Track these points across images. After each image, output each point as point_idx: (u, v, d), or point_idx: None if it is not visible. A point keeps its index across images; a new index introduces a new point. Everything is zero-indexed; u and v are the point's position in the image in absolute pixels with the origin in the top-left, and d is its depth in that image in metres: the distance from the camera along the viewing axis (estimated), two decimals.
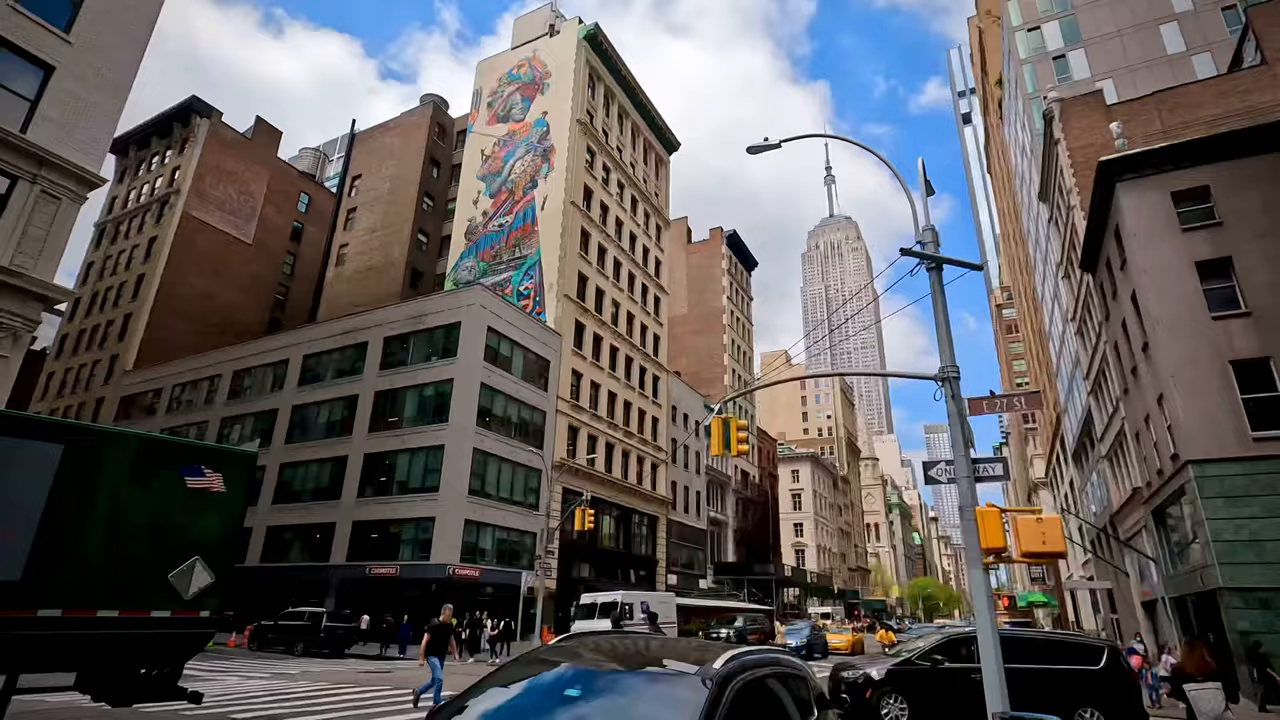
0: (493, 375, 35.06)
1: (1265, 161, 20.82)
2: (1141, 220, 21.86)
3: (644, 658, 3.72)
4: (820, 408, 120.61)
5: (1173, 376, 20.11)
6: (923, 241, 7.78)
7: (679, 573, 51.51)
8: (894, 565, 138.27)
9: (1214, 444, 19.14)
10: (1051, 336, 47.47)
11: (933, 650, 12.21)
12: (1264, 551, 17.95)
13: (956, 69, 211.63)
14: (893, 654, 13.80)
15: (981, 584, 6.32)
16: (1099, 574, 39.64)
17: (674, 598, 32.67)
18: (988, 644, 6.09)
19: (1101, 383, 31.44)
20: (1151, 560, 26.10)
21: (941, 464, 7.22)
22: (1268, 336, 19.34)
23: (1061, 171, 32.63)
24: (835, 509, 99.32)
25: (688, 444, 56.03)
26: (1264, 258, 20.02)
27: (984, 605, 6.22)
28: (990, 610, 6.16)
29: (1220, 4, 38.79)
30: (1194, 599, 21.54)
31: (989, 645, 6.07)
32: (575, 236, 44.64)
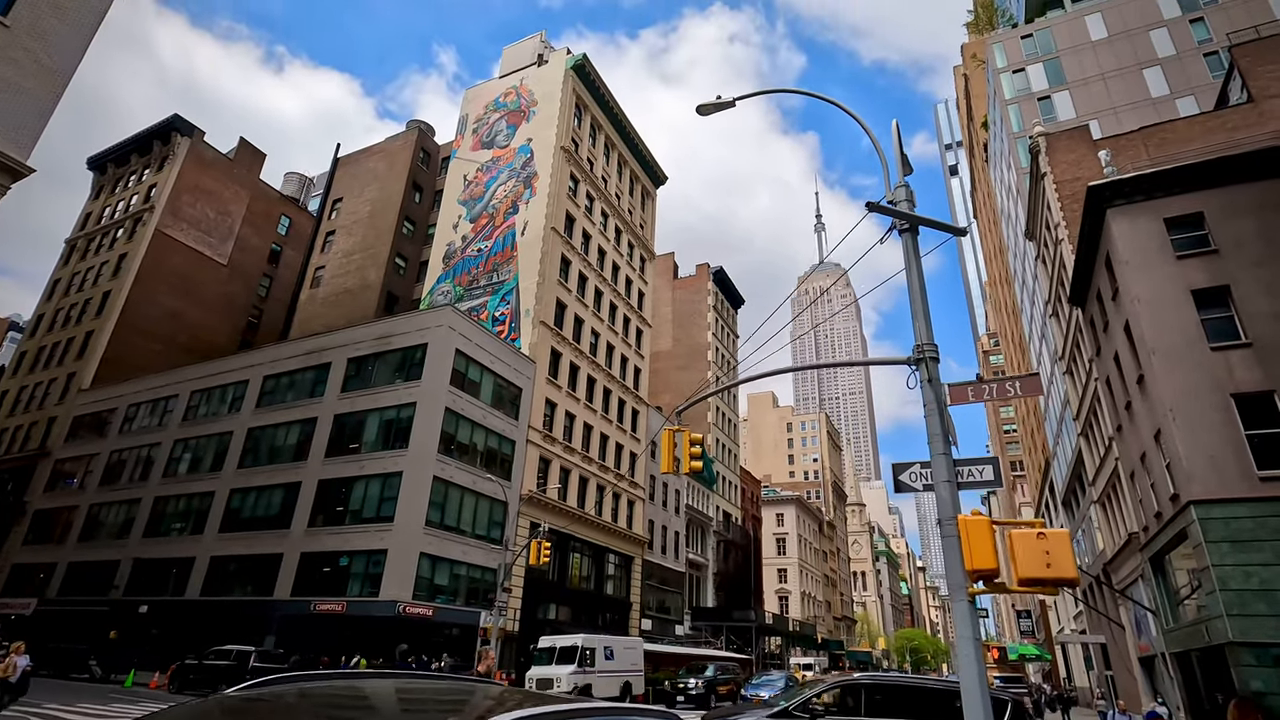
0: (459, 400, 33.38)
1: (1259, 189, 20.01)
2: (1134, 247, 20.89)
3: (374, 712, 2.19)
4: (807, 450, 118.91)
5: (1171, 410, 18.82)
6: (894, 200, 6.49)
7: (654, 617, 49.01)
8: (881, 615, 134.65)
9: (1218, 483, 17.75)
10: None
11: (813, 699, 10.30)
12: (1276, 602, 16.39)
13: (944, 122, 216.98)
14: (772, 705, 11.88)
15: (966, 618, 4.81)
16: (1091, 627, 37.71)
17: (641, 643, 30.46)
18: (973, 693, 4.57)
19: (1092, 422, 30.18)
20: (1150, 612, 24.40)
21: (915, 467, 5.78)
22: (1270, 369, 18.16)
23: (1049, 206, 31.98)
24: (820, 555, 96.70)
25: (667, 481, 54.11)
26: (1262, 286, 18.99)
27: (970, 648, 4.72)
28: (976, 652, 4.65)
29: (1202, 50, 39.05)
30: (1199, 655, 19.82)
31: (974, 694, 4.55)
32: (555, 263, 43.56)
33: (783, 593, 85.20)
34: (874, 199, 6.83)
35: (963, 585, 4.93)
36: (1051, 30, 44.36)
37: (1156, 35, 40.63)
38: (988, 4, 59.79)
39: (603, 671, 25.94)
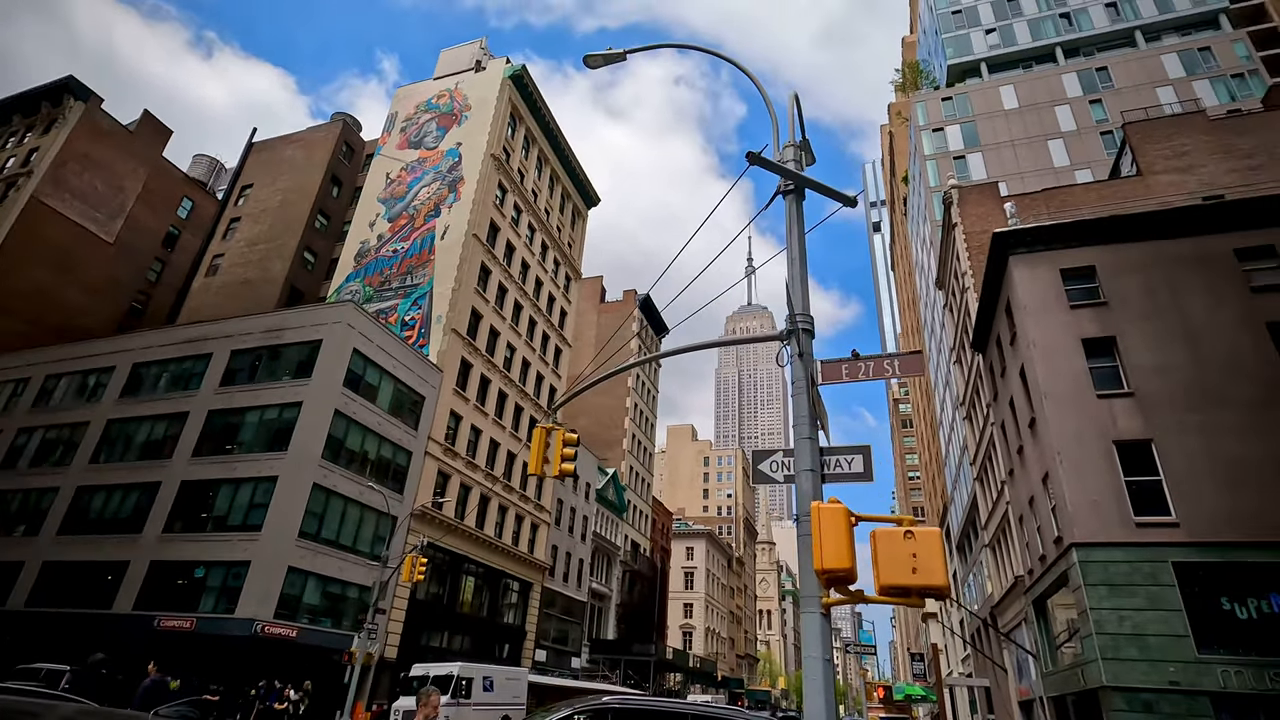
0: (352, 404, 31.07)
1: (1144, 248, 21.05)
2: (1032, 294, 21.53)
3: None
4: (722, 485, 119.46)
5: (1059, 453, 19.18)
6: (782, 160, 5.79)
7: (550, 648, 46.87)
8: (783, 654, 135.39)
9: (1099, 527, 18.08)
10: (942, 424, 48.01)
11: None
12: (1147, 647, 16.62)
13: (870, 182, 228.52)
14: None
15: (817, 633, 3.93)
16: (978, 670, 38.43)
17: (526, 674, 28.63)
18: None
19: (988, 466, 30.99)
20: (1030, 655, 24.74)
21: (778, 455, 4.97)
22: (1149, 418, 18.81)
23: (958, 255, 33.17)
24: (728, 591, 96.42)
25: (576, 507, 52.48)
26: (1146, 340, 19.81)
27: (819, 671, 3.83)
28: (826, 675, 3.77)
29: (1099, 129, 42.16)
30: (1074, 699, 20.01)
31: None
32: (473, 271, 41.96)
33: (687, 628, 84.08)
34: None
35: (817, 595, 4.07)
36: (969, 95, 47.09)
37: (1060, 111, 43.73)
38: (914, 65, 63.40)
39: (479, 704, 24.02)
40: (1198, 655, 16.27)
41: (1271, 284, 19.52)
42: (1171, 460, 18.17)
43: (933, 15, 58.15)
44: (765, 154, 5.46)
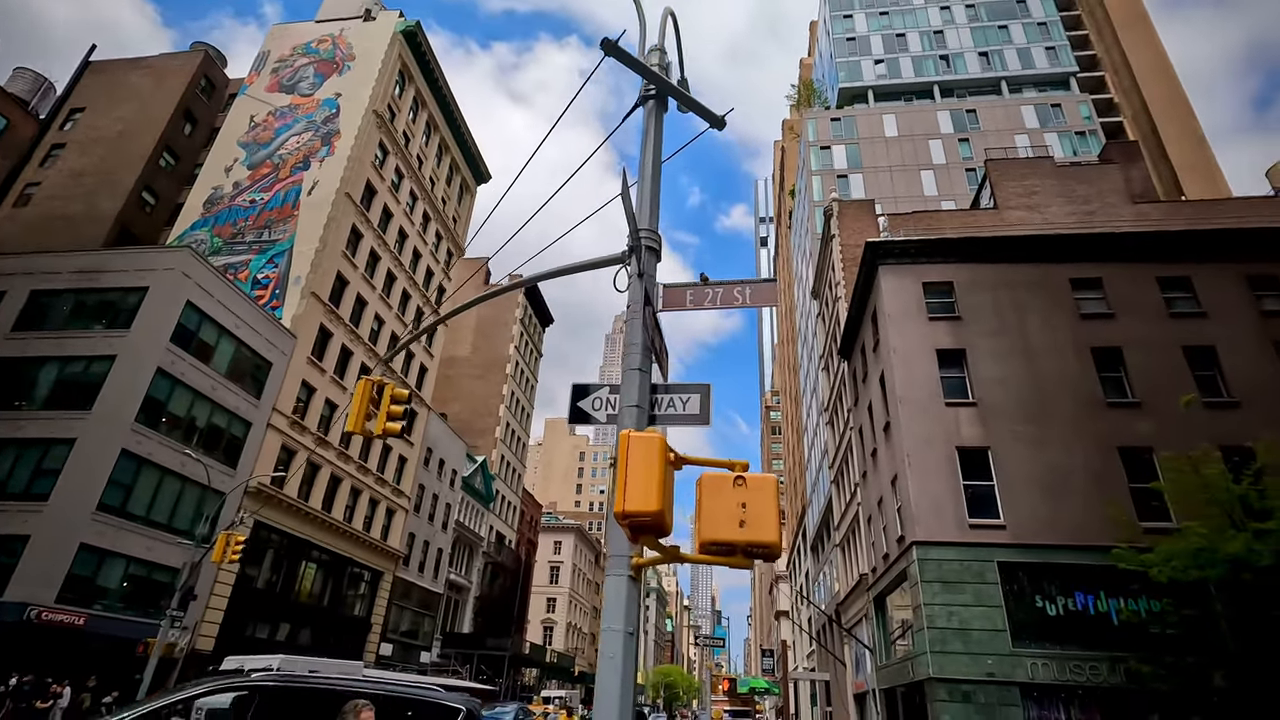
0: (180, 363, 27.45)
1: (996, 270, 22.52)
2: (897, 303, 22.45)
3: None
4: (596, 481, 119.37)
5: (908, 456, 20.02)
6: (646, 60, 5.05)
7: (399, 641, 44.18)
8: (643, 650, 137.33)
9: (937, 527, 19.00)
10: (807, 430, 50.09)
11: None
12: (970, 641, 17.59)
13: (761, 197, 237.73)
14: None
15: (621, 600, 3.18)
16: (821, 665, 40.26)
17: (360, 667, 26.41)
18: (608, 707, 2.90)
19: (844, 469, 32.37)
20: (868, 649, 25.92)
21: (603, 391, 4.21)
22: (989, 428, 20.04)
23: (834, 266, 34.47)
24: (594, 587, 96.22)
25: (439, 494, 49.95)
26: (991, 354, 21.13)
27: (619, 645, 3.06)
28: (625, 654, 3.01)
29: (965, 165, 45.65)
30: (903, 690, 21.00)
31: (609, 710, 2.89)
32: (342, 233, 38.68)
33: (549, 622, 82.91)
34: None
35: (626, 554, 3.32)
36: (856, 119, 49.60)
37: (934, 144, 47.00)
38: (809, 84, 66.26)
39: None
40: (1012, 648, 17.41)
41: (1097, 312, 21.45)
42: (1004, 467, 19.45)
43: (829, 40, 60.93)
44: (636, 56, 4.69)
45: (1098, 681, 16.80)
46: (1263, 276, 21.45)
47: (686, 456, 3.30)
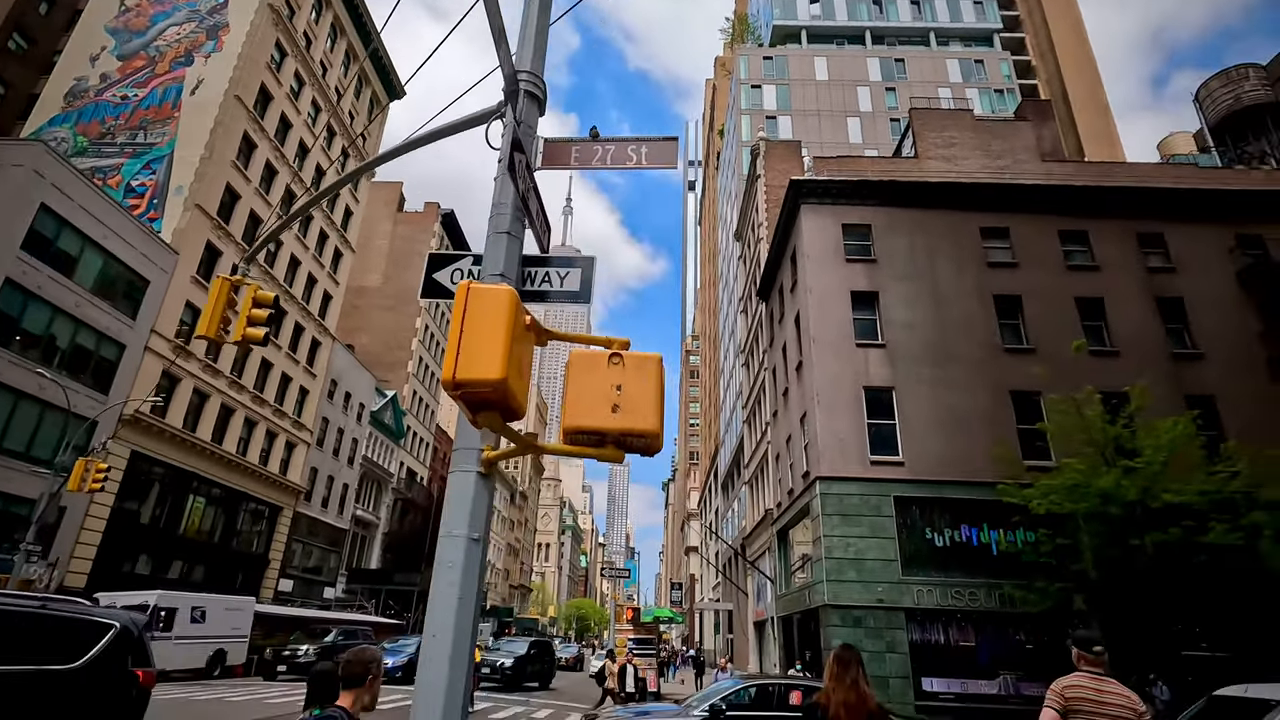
0: (35, 274, 24.34)
1: (912, 215, 22.79)
2: (816, 243, 22.42)
3: None
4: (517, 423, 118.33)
5: (818, 394, 20.33)
6: None
7: (301, 577, 42.77)
8: (557, 585, 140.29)
9: (841, 463, 19.52)
10: (724, 372, 50.83)
11: None
12: (864, 570, 18.36)
13: (692, 140, 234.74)
14: None
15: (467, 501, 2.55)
16: (726, 596, 42.01)
17: (252, 603, 25.30)
18: (440, 635, 2.35)
19: (756, 410, 32.98)
20: (769, 580, 26.97)
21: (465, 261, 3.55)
22: (895, 369, 20.55)
23: (758, 207, 34.23)
24: (508, 524, 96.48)
25: (344, 428, 47.86)
26: (902, 298, 21.53)
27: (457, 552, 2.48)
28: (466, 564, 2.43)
29: (890, 115, 46.00)
30: (799, 617, 21.95)
31: (442, 637, 2.34)
32: (232, 140, 35.01)
33: None
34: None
35: (477, 447, 2.73)
36: (788, 59, 48.86)
37: (861, 91, 47.05)
38: (743, 18, 64.64)
39: (184, 637, 20.56)
40: (901, 577, 18.33)
41: (1002, 261, 22.16)
42: (906, 407, 20.08)
43: None
44: None
45: (975, 606, 17.99)
46: (1151, 235, 22.68)
47: (553, 331, 2.70)
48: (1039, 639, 17.94)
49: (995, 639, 17.94)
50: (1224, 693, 9.18)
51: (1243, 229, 22.78)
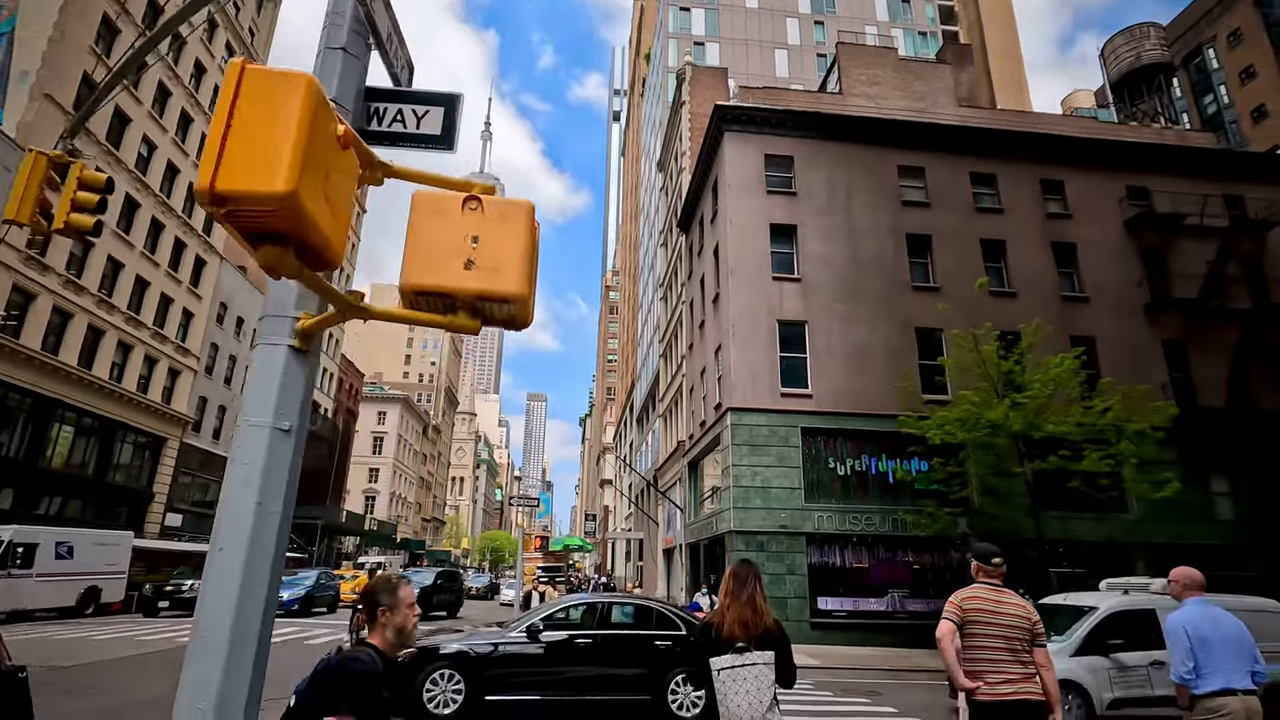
0: None
1: (834, 149, 22.62)
2: (738, 172, 21.96)
3: None
4: (427, 354, 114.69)
5: (733, 326, 20.28)
6: None
7: (191, 511, 40.33)
8: (472, 518, 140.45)
9: (752, 394, 19.70)
10: (642, 306, 50.53)
11: None
12: (769, 498, 18.85)
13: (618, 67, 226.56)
14: None
15: (274, 380, 1.87)
16: (638, 526, 42.98)
17: (129, 538, 23.55)
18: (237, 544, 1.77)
19: (673, 343, 32.97)
20: (679, 509, 27.54)
21: None
22: (808, 303, 20.71)
23: (681, 136, 33.29)
24: (420, 457, 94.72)
25: (237, 355, 44.64)
26: (818, 232, 21.55)
27: (258, 446, 1.89)
28: (269, 461, 1.84)
29: (817, 50, 45.43)
30: (706, 543, 22.54)
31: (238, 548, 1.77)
32: (90, 22, 30.40)
33: (371, 492, 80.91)
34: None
35: (290, 315, 2.09)
36: None
37: (790, 23, 46.11)
38: None
39: (48, 574, 18.84)
40: (804, 504, 18.96)
41: (916, 200, 22.49)
42: (817, 341, 20.38)
43: None
44: None
45: (870, 530, 18.91)
46: (1053, 182, 23.56)
47: (392, 166, 2.06)
48: (925, 560, 19.15)
49: (886, 561, 19.01)
50: (1047, 601, 10.03)
51: (1133, 181, 24.02)
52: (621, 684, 8.27)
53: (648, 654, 8.51)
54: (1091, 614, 8.58)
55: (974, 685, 3.90)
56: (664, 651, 8.52)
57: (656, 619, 9.05)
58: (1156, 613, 8.52)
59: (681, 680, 8.35)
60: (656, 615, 9.13)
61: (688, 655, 8.41)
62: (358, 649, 2.29)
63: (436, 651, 8.16)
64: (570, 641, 8.42)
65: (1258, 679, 4.14)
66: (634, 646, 8.58)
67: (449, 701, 7.89)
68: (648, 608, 9.39)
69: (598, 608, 9.01)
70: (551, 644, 8.31)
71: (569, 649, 8.35)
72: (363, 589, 2.56)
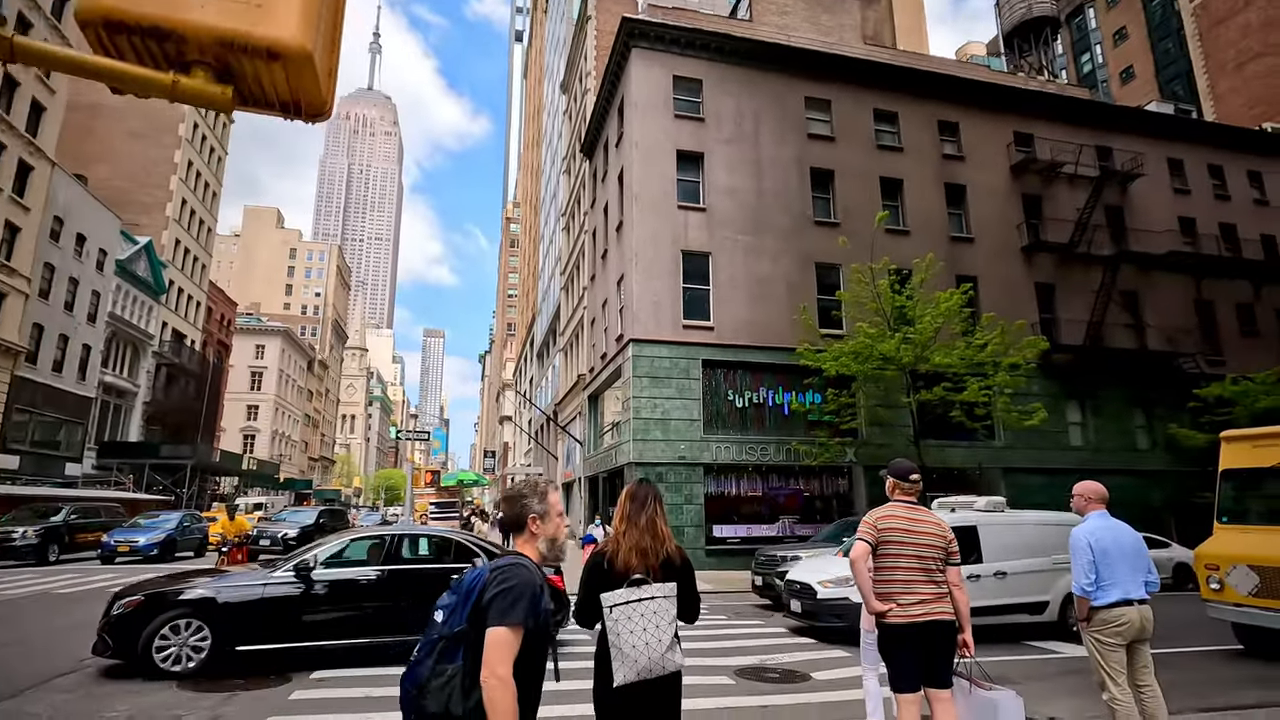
0: None
1: (742, 75, 21.94)
2: (645, 93, 20.88)
3: None
4: (311, 283, 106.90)
5: (636, 255, 19.63)
6: None
7: (30, 452, 35.91)
8: (364, 457, 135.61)
9: (654, 326, 19.31)
10: (544, 238, 48.77)
11: None
12: (669, 430, 18.77)
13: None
14: None
15: None
16: (537, 461, 42.61)
17: None
18: None
19: (575, 275, 31.97)
20: (579, 443, 27.25)
21: None
22: (713, 234, 20.33)
23: (586, 55, 31.43)
24: (305, 394, 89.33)
25: (78, 276, 39.38)
26: (725, 162, 21.02)
27: None
28: None
29: None
30: (605, 476, 22.41)
31: None
32: None
33: (250, 430, 75.78)
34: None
35: None
36: None
37: None
38: None
39: None
40: (703, 435, 19.04)
41: (820, 134, 22.33)
42: (720, 273, 20.13)
43: None
44: None
45: (765, 460, 19.33)
46: (949, 124, 24.08)
47: None
48: (814, 488, 19.91)
49: (779, 489, 19.58)
50: None
51: (1020, 127, 24.99)
52: (413, 624, 7.27)
53: (445, 589, 7.74)
54: None
55: (885, 608, 3.64)
56: None
57: (456, 551, 8.22)
58: (978, 529, 9.30)
59: None
60: (456, 547, 8.29)
61: None
62: (520, 558, 2.11)
63: (171, 597, 6.87)
64: (350, 580, 7.45)
65: (1149, 588, 4.14)
66: (429, 582, 7.66)
67: (188, 656, 6.71)
68: (446, 540, 8.58)
69: (387, 541, 8.02)
70: (327, 583, 7.30)
71: (348, 589, 7.40)
72: (507, 494, 2.33)
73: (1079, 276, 24.03)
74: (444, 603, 2.06)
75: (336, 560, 7.67)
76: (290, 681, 6.60)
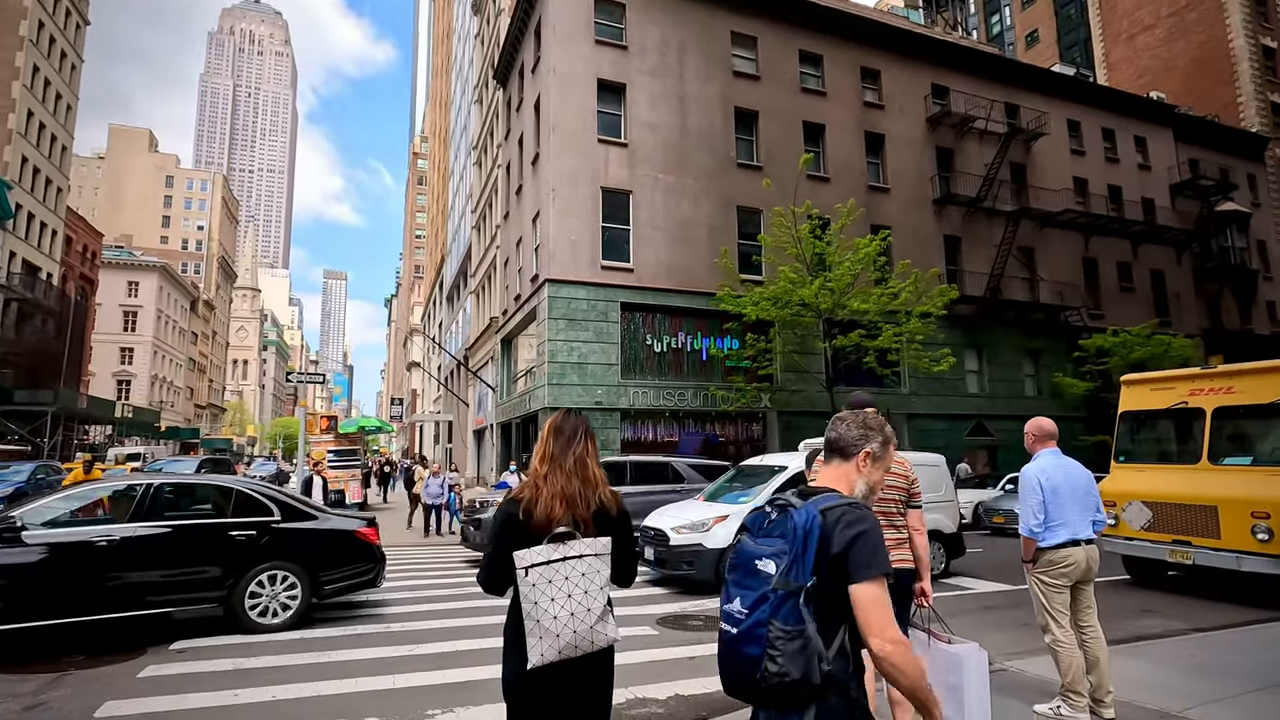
0: None
1: (670, 5, 20.81)
2: (565, 15, 19.42)
3: None
4: (192, 215, 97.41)
5: (553, 190, 18.54)
6: None
7: None
8: (259, 405, 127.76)
9: (571, 266, 18.46)
10: (454, 174, 46.06)
11: None
12: (586, 374, 18.18)
13: None
14: None
15: None
16: (447, 408, 41.13)
17: None
18: None
19: (487, 212, 30.28)
20: (491, 389, 26.25)
21: None
22: (634, 171, 19.49)
23: None
24: (189, 336, 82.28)
25: None
26: (647, 95, 20.05)
27: None
28: None
29: None
30: (518, 422, 21.66)
31: None
32: None
33: (125, 375, 69.28)
34: None
35: None
36: None
37: None
38: None
39: None
40: (620, 380, 18.57)
41: (745, 72, 21.64)
42: (641, 213, 19.39)
43: None
44: None
45: (683, 406, 19.15)
46: (871, 71, 23.95)
47: None
48: (730, 433, 19.98)
49: (695, 434, 19.51)
50: (748, 462, 10.61)
51: (937, 79, 25.23)
52: (174, 590, 6.18)
53: (219, 549, 6.43)
54: (782, 473, 8.86)
55: None
56: (243, 544, 6.48)
57: (236, 503, 6.83)
58: None
59: (268, 579, 6.53)
60: (237, 498, 6.89)
61: (277, 546, 6.66)
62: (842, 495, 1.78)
63: None
64: (83, 543, 5.88)
65: (1096, 527, 3.96)
66: (198, 541, 6.39)
67: None
68: (225, 489, 7.15)
69: (140, 492, 6.39)
70: (50, 547, 5.75)
71: (83, 553, 5.84)
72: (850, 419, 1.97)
73: (983, 230, 24.90)
74: (767, 550, 1.68)
75: (71, 519, 6.23)
76: (144, 654, 5.66)
